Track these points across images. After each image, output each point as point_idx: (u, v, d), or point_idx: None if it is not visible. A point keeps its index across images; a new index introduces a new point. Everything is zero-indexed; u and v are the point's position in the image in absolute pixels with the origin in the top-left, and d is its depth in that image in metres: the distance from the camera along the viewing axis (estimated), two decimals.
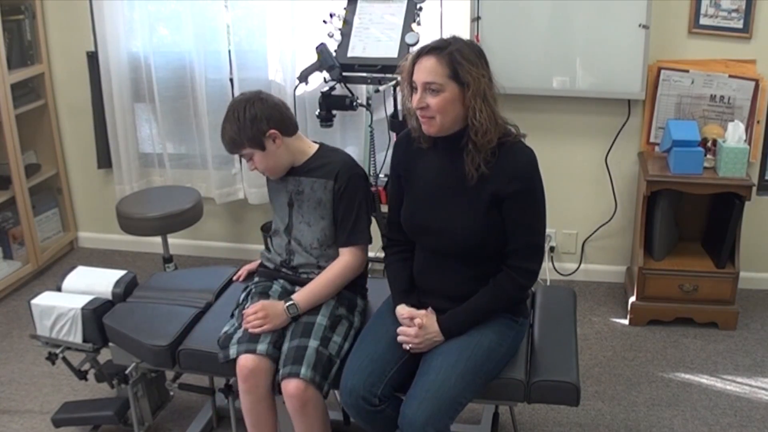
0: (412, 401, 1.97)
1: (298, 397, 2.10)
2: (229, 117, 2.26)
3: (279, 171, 2.33)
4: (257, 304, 2.24)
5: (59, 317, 2.47)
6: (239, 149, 2.28)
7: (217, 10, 3.62)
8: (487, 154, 2.01)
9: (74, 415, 2.68)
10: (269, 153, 2.27)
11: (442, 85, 1.97)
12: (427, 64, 1.98)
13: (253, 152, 2.27)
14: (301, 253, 2.37)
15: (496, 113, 2.02)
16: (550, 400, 2.14)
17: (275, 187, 2.42)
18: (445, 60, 1.96)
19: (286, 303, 2.23)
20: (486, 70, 2.01)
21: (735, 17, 3.22)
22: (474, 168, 2.01)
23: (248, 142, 2.24)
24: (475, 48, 2.02)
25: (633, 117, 3.45)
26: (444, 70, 1.97)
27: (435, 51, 1.98)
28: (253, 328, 2.19)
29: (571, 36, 3.29)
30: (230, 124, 2.25)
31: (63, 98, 3.98)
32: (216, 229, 4.07)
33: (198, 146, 3.86)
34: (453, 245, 2.09)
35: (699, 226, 3.53)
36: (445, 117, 2.01)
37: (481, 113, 1.98)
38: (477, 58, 2.00)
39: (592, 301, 3.60)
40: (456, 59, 1.96)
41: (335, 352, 2.20)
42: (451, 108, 2.00)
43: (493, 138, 2.00)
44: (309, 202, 2.33)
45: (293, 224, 2.37)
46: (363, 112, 3.10)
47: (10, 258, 3.80)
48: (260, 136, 2.24)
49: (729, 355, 3.14)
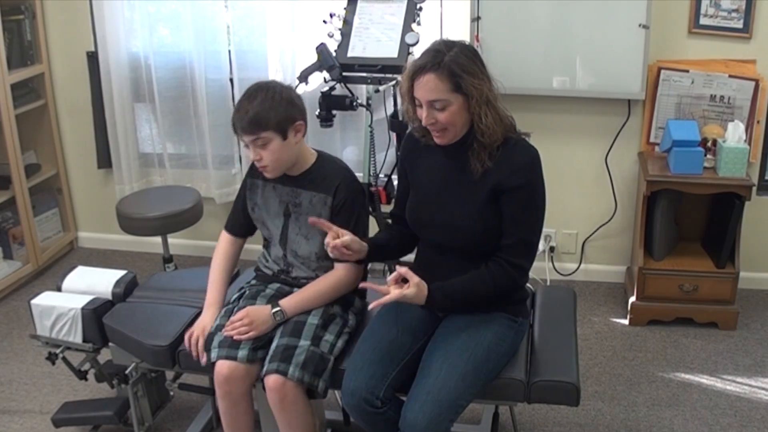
0: (413, 404, 1.97)
1: (276, 391, 2.10)
2: (257, 95, 2.12)
3: (281, 168, 2.22)
4: (243, 311, 2.21)
5: (59, 317, 2.47)
6: (258, 131, 2.11)
7: (217, 10, 3.62)
8: (492, 150, 2.02)
9: (74, 415, 2.68)
10: (287, 145, 2.15)
11: (447, 100, 1.97)
12: (428, 83, 1.96)
13: (272, 139, 2.12)
14: (299, 266, 2.35)
15: (501, 112, 2.02)
16: (550, 400, 2.14)
17: (263, 193, 2.34)
18: (445, 75, 1.95)
19: (273, 309, 2.21)
20: (485, 74, 2.00)
21: (735, 17, 3.22)
22: (480, 164, 2.03)
23: (275, 124, 2.11)
24: (471, 52, 2.00)
25: (633, 117, 3.45)
26: (445, 85, 1.96)
27: (433, 68, 1.95)
28: (239, 335, 2.17)
29: (571, 36, 3.29)
30: (259, 102, 2.10)
31: (63, 98, 3.98)
32: (216, 229, 4.00)
33: (198, 146, 3.86)
34: (455, 239, 2.09)
35: (699, 226, 3.53)
36: (456, 127, 2.02)
37: (486, 117, 1.98)
38: (474, 64, 1.98)
39: (592, 301, 3.60)
40: (455, 72, 1.94)
41: (328, 350, 2.18)
42: (459, 118, 2.01)
43: (499, 137, 2.02)
44: (306, 216, 2.25)
45: (289, 236, 2.32)
46: (363, 112, 3.09)
47: (10, 258, 3.80)
48: (289, 123, 2.14)
49: (729, 355, 3.14)
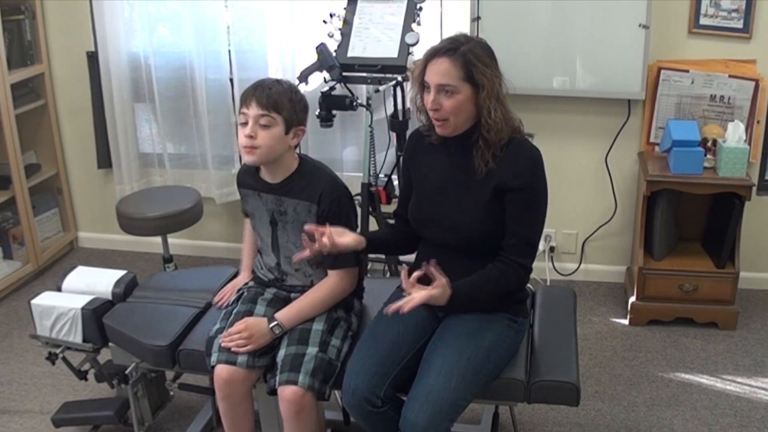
0: (413, 403, 1.97)
1: (294, 403, 2.10)
2: (283, 83, 2.17)
3: (267, 158, 2.17)
4: (241, 324, 2.20)
5: (59, 317, 2.47)
6: (272, 110, 2.12)
7: (217, 10, 3.62)
8: (497, 150, 2.03)
9: (74, 415, 2.68)
10: (284, 140, 2.16)
11: (456, 87, 1.98)
12: (441, 65, 1.98)
13: (277, 125, 2.13)
14: (294, 273, 2.34)
15: (509, 111, 2.04)
16: (550, 400, 2.14)
17: (252, 201, 2.33)
18: (459, 62, 1.96)
19: (271, 323, 2.21)
20: (498, 70, 2.02)
21: (735, 17, 3.22)
22: (483, 163, 2.03)
23: (288, 115, 2.14)
24: (487, 48, 2.03)
25: (633, 117, 3.45)
26: (458, 72, 1.97)
27: (448, 52, 1.98)
28: (237, 347, 2.17)
29: (571, 36, 3.29)
30: (284, 89, 2.15)
31: (63, 98, 3.98)
32: (216, 229, 4.07)
33: (198, 146, 3.86)
34: (457, 238, 2.09)
35: (699, 226, 3.52)
36: (458, 118, 2.02)
37: (495, 112, 1.99)
38: (489, 58, 2.01)
39: (592, 301, 3.60)
40: (470, 60, 1.96)
41: (335, 356, 2.19)
42: (464, 109, 2.01)
43: (505, 136, 2.03)
44: (294, 224, 2.26)
45: (280, 243, 2.32)
46: (363, 112, 3.09)
47: (10, 258, 3.80)
48: (297, 123, 2.18)
49: (729, 355, 3.14)
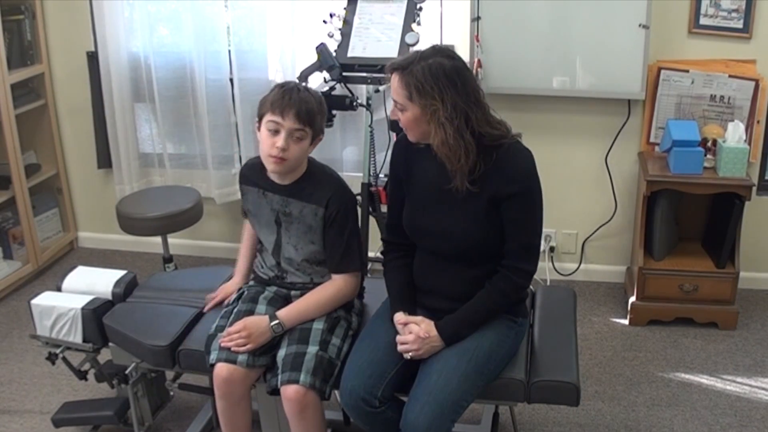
0: (414, 404, 1.97)
1: (297, 401, 2.10)
2: (311, 92, 2.18)
3: (293, 168, 2.20)
4: (241, 323, 2.19)
5: (59, 317, 2.47)
6: (307, 124, 2.13)
7: (217, 10, 3.62)
8: (465, 167, 1.96)
9: (74, 415, 2.68)
10: (307, 151, 2.20)
11: (403, 104, 1.97)
12: (393, 81, 1.98)
13: (307, 137, 2.16)
14: (294, 272, 2.34)
15: (460, 132, 1.92)
16: (550, 400, 2.14)
17: (254, 199, 2.33)
18: (403, 81, 1.95)
19: (272, 322, 2.20)
20: (447, 93, 1.90)
21: (735, 17, 3.22)
22: (460, 182, 1.98)
23: (318, 127, 2.19)
24: (444, 67, 1.91)
25: (633, 117, 3.45)
26: (403, 91, 1.96)
27: (398, 70, 1.96)
28: (237, 346, 2.17)
29: (571, 36, 3.29)
30: (315, 101, 2.17)
31: (63, 98, 3.98)
32: (216, 229, 4.07)
33: (198, 146, 3.86)
34: (453, 247, 2.08)
35: (699, 226, 3.53)
36: (415, 132, 2.01)
37: (436, 136, 1.94)
38: (436, 82, 1.90)
39: (592, 301, 3.60)
40: (411, 83, 1.92)
41: (335, 355, 2.19)
42: (416, 125, 1.99)
43: (463, 160, 1.93)
44: (298, 226, 2.25)
45: (282, 244, 2.31)
46: (363, 112, 3.09)
47: (10, 258, 3.80)
48: (320, 132, 2.21)
49: (729, 355, 3.14)
